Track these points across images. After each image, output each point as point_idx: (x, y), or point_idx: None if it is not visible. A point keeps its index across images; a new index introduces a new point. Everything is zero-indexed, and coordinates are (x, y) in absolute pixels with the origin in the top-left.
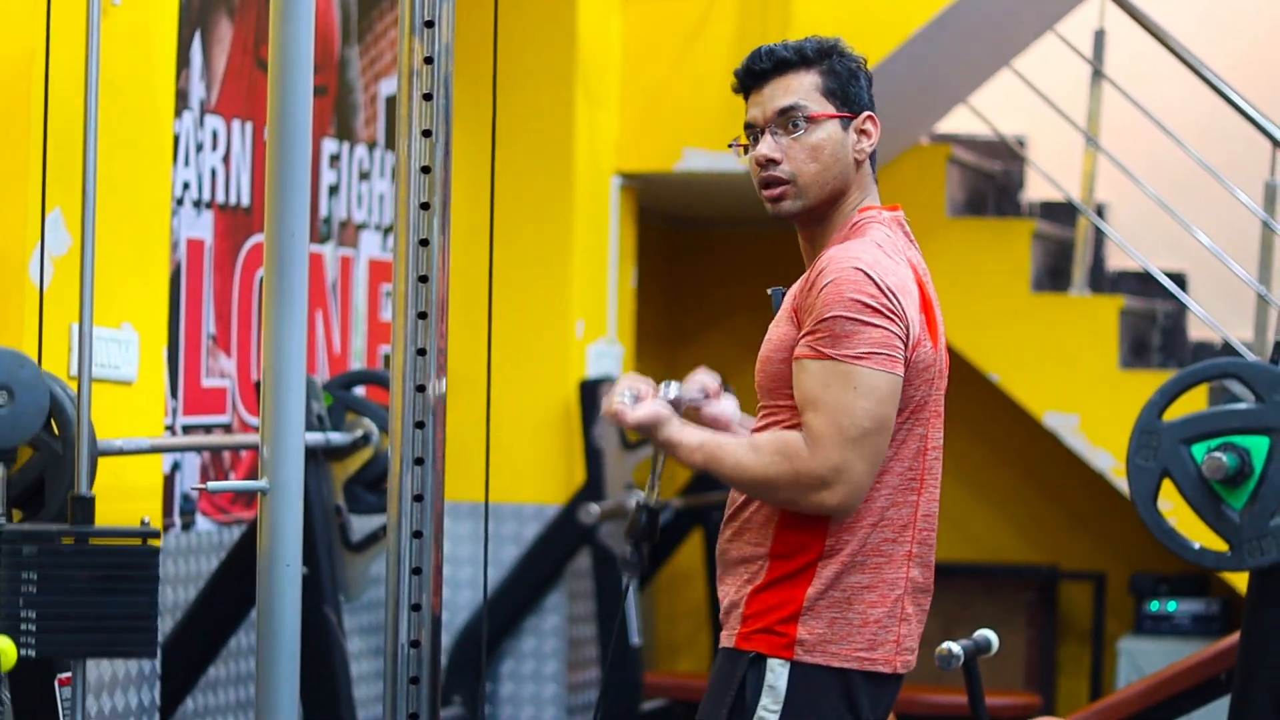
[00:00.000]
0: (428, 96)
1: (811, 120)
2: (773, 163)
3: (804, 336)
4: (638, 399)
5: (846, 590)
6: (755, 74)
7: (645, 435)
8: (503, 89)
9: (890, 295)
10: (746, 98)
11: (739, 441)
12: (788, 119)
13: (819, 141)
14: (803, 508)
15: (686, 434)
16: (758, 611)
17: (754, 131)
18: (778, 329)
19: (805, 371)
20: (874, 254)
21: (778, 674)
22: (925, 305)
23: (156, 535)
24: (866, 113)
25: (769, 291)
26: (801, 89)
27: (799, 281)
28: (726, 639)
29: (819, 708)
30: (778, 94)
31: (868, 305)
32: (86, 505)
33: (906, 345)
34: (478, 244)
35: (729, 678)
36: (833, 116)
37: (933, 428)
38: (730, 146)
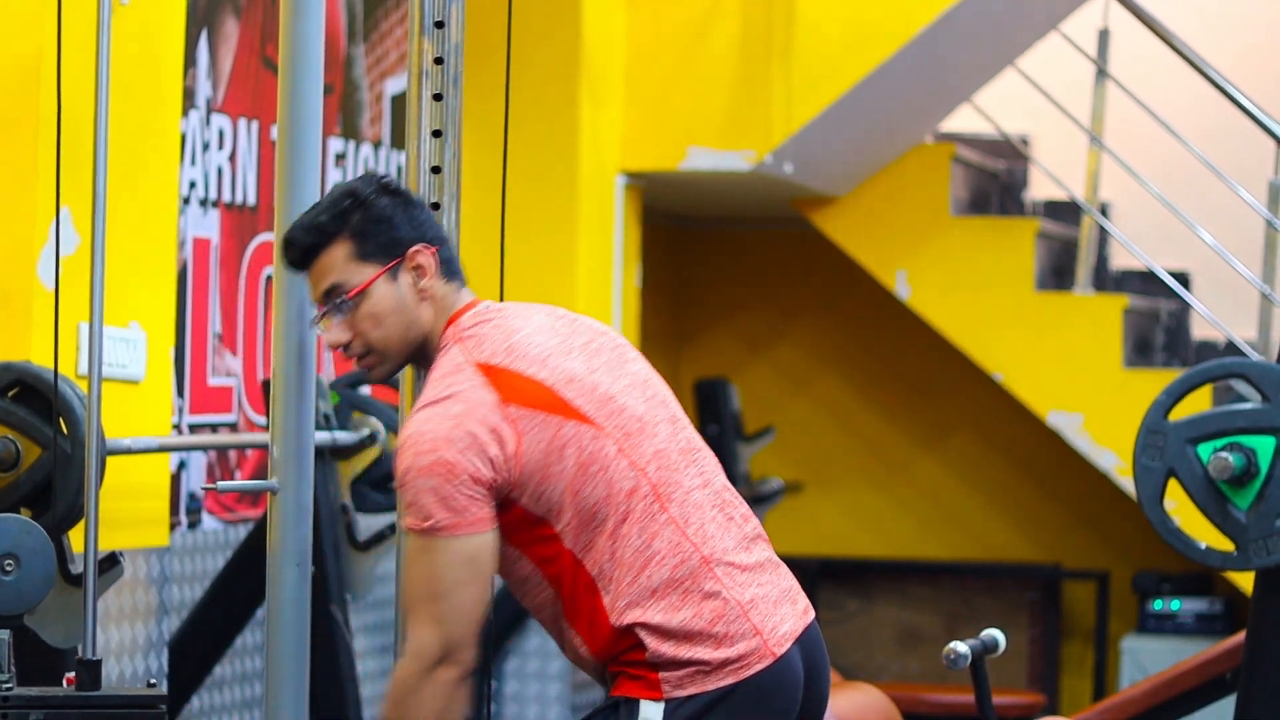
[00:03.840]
0: (438, 97)
1: (357, 293)
2: (344, 345)
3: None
4: None
5: (681, 627)
6: (292, 265)
7: None
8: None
9: (455, 449)
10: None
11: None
12: (334, 300)
13: (374, 309)
14: (446, 697)
15: None
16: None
17: (318, 308)
18: None
19: (402, 553)
20: (430, 404)
21: (653, 713)
22: (517, 393)
23: (164, 698)
24: (413, 248)
25: None
26: (335, 266)
27: None
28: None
29: None
30: (318, 278)
31: (421, 470)
32: (93, 669)
33: (496, 471)
34: (481, 243)
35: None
36: (374, 279)
37: (624, 457)
38: (312, 327)
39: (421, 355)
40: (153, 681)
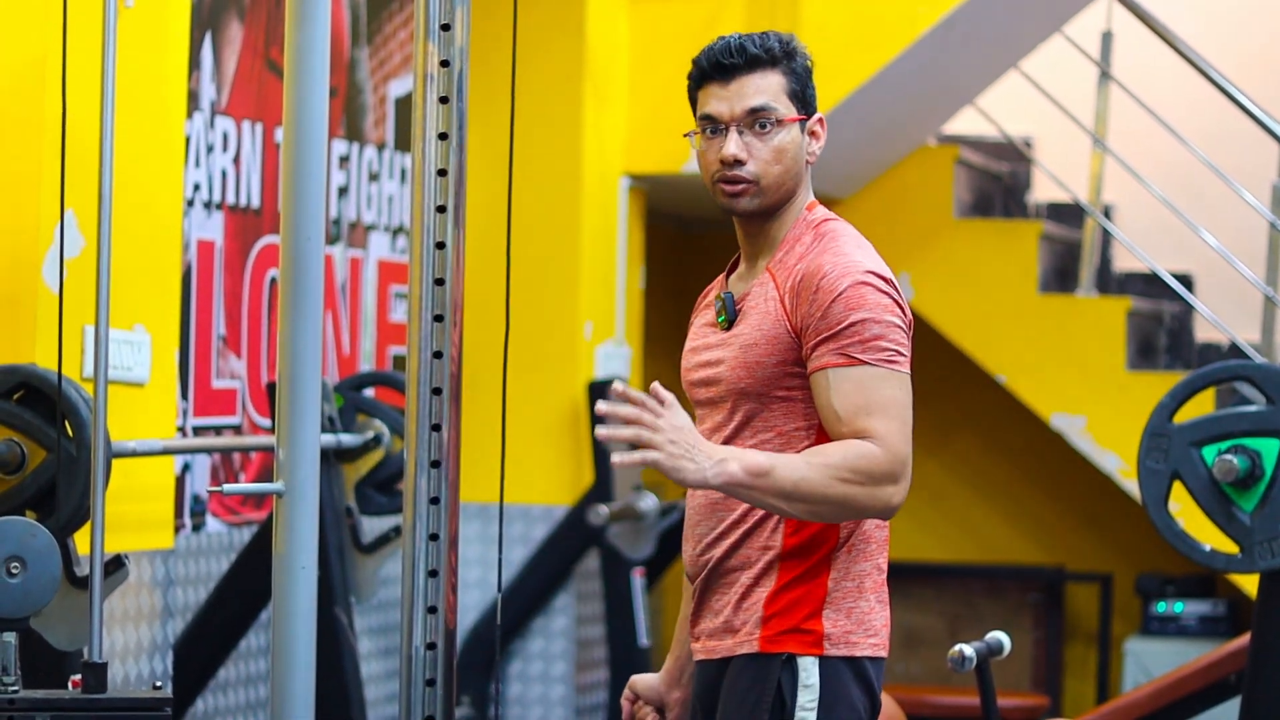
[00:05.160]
0: (444, 100)
1: (779, 123)
2: (739, 162)
3: (822, 344)
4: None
5: (856, 579)
6: (724, 68)
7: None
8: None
9: (900, 296)
10: (700, 88)
11: (791, 460)
12: (756, 119)
13: (784, 144)
14: (868, 514)
15: (750, 460)
16: (779, 611)
17: (714, 125)
18: (758, 332)
19: (845, 380)
20: (870, 258)
21: (810, 671)
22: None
23: (169, 701)
24: (818, 115)
25: (720, 295)
26: (770, 89)
27: (767, 283)
28: (744, 644)
29: (847, 700)
30: (747, 92)
31: (887, 308)
32: (99, 672)
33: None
34: (486, 246)
35: (761, 683)
36: (796, 120)
37: None
38: (686, 137)
39: (776, 209)
40: (158, 684)
